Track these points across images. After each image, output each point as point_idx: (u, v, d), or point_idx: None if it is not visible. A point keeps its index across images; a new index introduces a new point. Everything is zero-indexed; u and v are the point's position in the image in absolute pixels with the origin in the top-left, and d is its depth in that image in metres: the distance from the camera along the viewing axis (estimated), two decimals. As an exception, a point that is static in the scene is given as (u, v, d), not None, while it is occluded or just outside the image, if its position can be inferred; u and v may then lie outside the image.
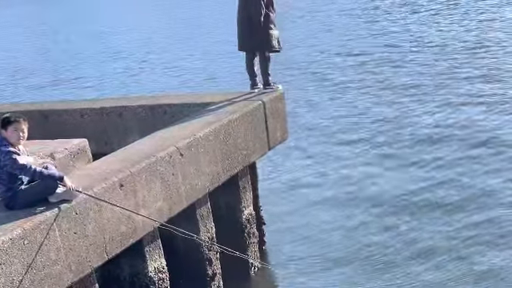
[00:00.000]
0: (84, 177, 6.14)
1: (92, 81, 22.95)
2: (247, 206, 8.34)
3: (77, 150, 7.18)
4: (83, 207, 5.66)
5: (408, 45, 21.25)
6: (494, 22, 22.91)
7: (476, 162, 11.08)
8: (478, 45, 19.73)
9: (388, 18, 27.21)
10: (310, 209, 10.13)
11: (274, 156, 11.49)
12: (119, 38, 34.06)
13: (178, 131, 7.42)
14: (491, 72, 16.43)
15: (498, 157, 11.14)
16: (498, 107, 13.70)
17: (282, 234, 9.37)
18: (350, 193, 10.51)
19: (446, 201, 9.77)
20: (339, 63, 19.91)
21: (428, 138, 12.46)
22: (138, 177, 6.30)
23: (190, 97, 9.23)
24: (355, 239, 9.00)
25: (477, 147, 11.68)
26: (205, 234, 7.51)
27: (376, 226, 9.30)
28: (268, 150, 8.61)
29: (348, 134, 13.36)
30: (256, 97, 8.51)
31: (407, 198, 10.02)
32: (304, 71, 19.26)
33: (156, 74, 22.51)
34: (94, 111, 9.02)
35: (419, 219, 9.31)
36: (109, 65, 26.03)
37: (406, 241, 8.76)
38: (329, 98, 16.23)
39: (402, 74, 17.49)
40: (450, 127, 12.89)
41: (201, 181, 7.20)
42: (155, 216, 6.46)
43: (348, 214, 9.78)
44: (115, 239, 6.00)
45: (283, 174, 11.66)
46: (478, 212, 9.33)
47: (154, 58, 26.09)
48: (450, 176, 10.61)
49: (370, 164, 11.60)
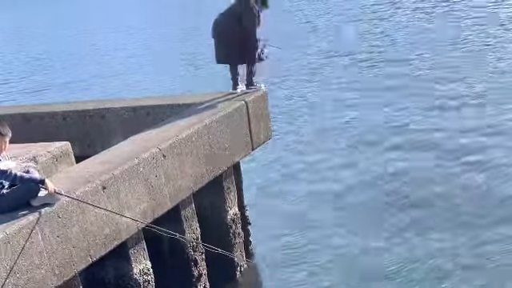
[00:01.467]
0: (66, 179, 6.12)
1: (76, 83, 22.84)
2: (232, 206, 8.35)
3: (59, 153, 7.16)
4: (66, 210, 5.64)
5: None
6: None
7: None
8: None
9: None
10: (296, 208, 10.16)
11: (259, 156, 11.50)
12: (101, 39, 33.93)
13: (161, 132, 7.41)
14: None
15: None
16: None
17: (267, 234, 9.38)
18: (338, 191, 10.53)
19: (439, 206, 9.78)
20: (327, 63, 19.93)
21: (422, 143, 12.29)
22: (121, 179, 6.28)
23: (172, 98, 9.21)
24: (343, 239, 9.02)
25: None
26: (190, 234, 7.51)
27: (364, 226, 9.32)
28: (252, 150, 8.61)
29: (335, 133, 13.38)
30: (239, 97, 8.51)
31: (395, 195, 10.08)
32: (290, 70, 19.28)
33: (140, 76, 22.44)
34: (77, 114, 8.98)
35: (408, 223, 9.27)
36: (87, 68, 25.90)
37: (396, 242, 8.76)
38: (315, 97, 16.25)
39: (395, 75, 17.47)
40: (445, 131, 12.82)
41: (185, 182, 7.19)
42: (139, 218, 6.44)
43: (336, 214, 9.81)
44: (99, 242, 5.98)
45: (268, 173, 11.68)
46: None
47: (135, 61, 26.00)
48: (449, 183, 10.47)
49: (358, 163, 11.62)
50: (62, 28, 40.93)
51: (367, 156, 11.87)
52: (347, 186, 10.67)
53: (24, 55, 32.54)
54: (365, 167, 11.37)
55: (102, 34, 36.14)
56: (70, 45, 33.44)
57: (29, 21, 50.25)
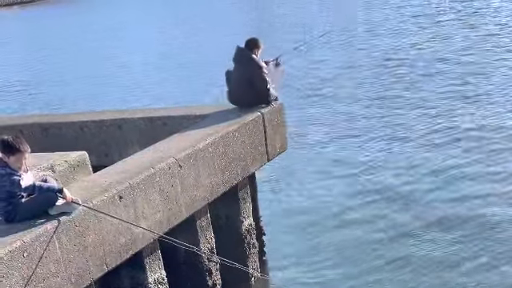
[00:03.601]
0: (84, 189, 6.19)
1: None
2: (247, 217, 8.38)
3: (77, 163, 7.22)
4: (83, 219, 5.70)
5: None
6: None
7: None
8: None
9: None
10: (311, 219, 10.15)
11: (274, 167, 11.52)
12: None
13: (178, 143, 7.46)
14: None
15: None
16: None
17: (281, 245, 9.38)
18: (352, 203, 10.52)
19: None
20: (338, 77, 19.94)
21: (435, 154, 12.32)
22: (138, 188, 6.34)
23: (188, 109, 9.27)
24: (358, 250, 9.01)
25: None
26: (205, 244, 7.55)
27: (378, 237, 9.30)
28: (267, 161, 8.63)
29: (348, 145, 13.37)
30: (255, 108, 8.54)
31: (410, 205, 10.06)
32: (303, 84, 19.31)
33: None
34: (94, 124, 9.07)
35: (425, 238, 9.25)
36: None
37: (411, 255, 8.75)
38: (328, 109, 16.25)
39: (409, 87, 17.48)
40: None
41: (200, 192, 7.24)
42: (155, 227, 6.49)
43: (350, 226, 9.79)
44: (115, 251, 6.04)
45: (283, 184, 11.69)
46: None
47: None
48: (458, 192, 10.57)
49: (373, 175, 11.61)
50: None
51: (385, 168, 11.85)
52: (362, 198, 10.65)
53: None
54: (383, 179, 11.35)
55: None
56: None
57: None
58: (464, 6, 29.30)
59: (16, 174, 5.52)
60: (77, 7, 64.51)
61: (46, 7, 72.28)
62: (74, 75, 26.50)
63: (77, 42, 37.38)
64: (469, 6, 29.07)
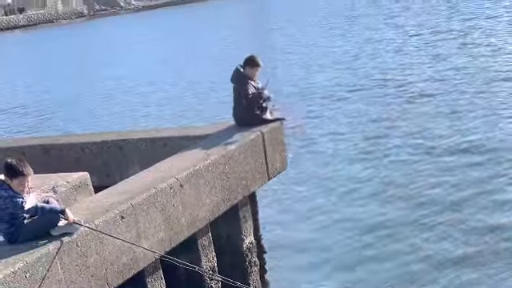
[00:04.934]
0: (85, 210, 6.24)
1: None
2: (248, 235, 8.41)
3: (78, 184, 7.29)
4: (85, 239, 5.75)
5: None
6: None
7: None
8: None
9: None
10: (311, 236, 10.18)
11: (274, 185, 11.57)
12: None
13: (178, 163, 7.52)
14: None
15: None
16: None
17: (283, 262, 9.41)
18: (351, 219, 10.55)
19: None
20: (335, 93, 20.07)
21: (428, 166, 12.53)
22: (139, 209, 6.39)
23: (188, 129, 9.36)
24: (358, 267, 9.02)
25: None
26: (206, 263, 7.58)
27: (379, 253, 9.31)
28: (268, 180, 8.69)
29: (347, 162, 13.43)
30: (256, 128, 8.61)
31: (410, 227, 10.08)
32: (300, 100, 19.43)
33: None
34: (95, 145, 9.15)
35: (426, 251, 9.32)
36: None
37: (412, 269, 8.78)
38: (325, 127, 16.32)
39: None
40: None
41: (201, 211, 7.29)
42: (156, 247, 6.54)
43: (350, 241, 9.81)
44: (117, 270, 6.07)
45: (283, 202, 11.73)
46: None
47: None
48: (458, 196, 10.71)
49: (372, 192, 11.64)
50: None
51: (384, 182, 11.90)
52: (362, 214, 10.68)
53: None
54: (383, 193, 11.39)
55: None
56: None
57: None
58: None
59: (19, 197, 5.58)
60: (81, 28, 65.17)
61: (49, 30, 72.99)
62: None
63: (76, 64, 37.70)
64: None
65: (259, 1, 78.29)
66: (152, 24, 69.96)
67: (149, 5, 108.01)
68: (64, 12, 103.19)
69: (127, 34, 60.92)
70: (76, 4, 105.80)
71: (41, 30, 78.63)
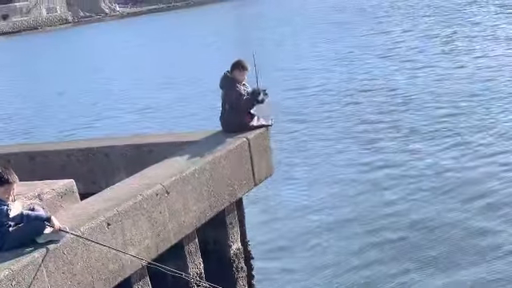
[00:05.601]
0: (71, 217, 6.20)
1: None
2: (235, 241, 8.40)
3: (64, 191, 7.24)
4: (71, 247, 5.71)
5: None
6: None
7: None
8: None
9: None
10: (298, 241, 10.19)
11: (261, 191, 11.57)
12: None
13: (165, 169, 7.50)
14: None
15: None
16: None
17: (270, 268, 9.41)
18: (338, 225, 10.58)
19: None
20: (319, 98, 20.14)
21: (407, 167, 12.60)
22: (126, 215, 6.37)
23: (174, 135, 9.34)
24: (345, 272, 9.04)
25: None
26: (193, 270, 7.56)
27: (365, 259, 9.34)
28: (254, 186, 8.69)
29: (335, 167, 13.47)
30: (241, 134, 8.61)
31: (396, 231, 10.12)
32: (284, 107, 19.48)
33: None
34: (81, 151, 9.10)
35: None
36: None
37: (399, 269, 8.81)
38: (311, 133, 16.37)
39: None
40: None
41: (188, 218, 7.27)
42: (143, 254, 6.51)
43: (337, 247, 9.84)
44: (103, 278, 6.04)
45: (270, 208, 11.74)
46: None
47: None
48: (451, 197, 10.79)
49: (358, 196, 11.69)
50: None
51: (368, 189, 11.93)
52: (349, 220, 10.71)
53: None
54: (366, 201, 11.43)
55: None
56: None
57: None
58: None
59: (4, 204, 5.54)
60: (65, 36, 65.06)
61: (33, 37, 72.81)
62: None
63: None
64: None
65: (245, 7, 78.43)
66: (137, 30, 69.94)
67: (134, 11, 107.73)
68: (48, 19, 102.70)
69: (111, 41, 60.84)
70: (61, 11, 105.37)
71: (25, 36, 78.34)
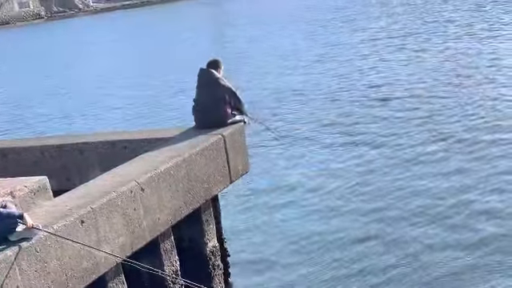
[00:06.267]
0: (44, 214, 6.12)
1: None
2: (211, 239, 8.37)
3: (37, 188, 7.12)
4: (44, 245, 5.63)
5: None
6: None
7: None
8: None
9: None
10: (275, 239, 10.19)
11: (237, 188, 11.55)
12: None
13: (139, 166, 7.43)
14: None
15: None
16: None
17: (246, 266, 9.39)
18: (316, 222, 10.60)
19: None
20: (296, 95, 20.17)
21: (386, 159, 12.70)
22: (99, 213, 6.29)
23: (150, 132, 9.27)
24: (322, 269, 9.06)
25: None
26: (169, 267, 7.51)
27: (342, 257, 9.35)
28: (230, 183, 8.65)
29: (311, 164, 13.49)
30: (216, 131, 8.58)
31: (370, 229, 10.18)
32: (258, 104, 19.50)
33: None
34: (54, 148, 8.99)
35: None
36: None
37: (379, 270, 8.85)
38: (287, 129, 16.39)
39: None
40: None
41: (163, 215, 7.21)
42: (118, 251, 6.44)
43: (314, 243, 9.85)
44: (77, 276, 5.97)
45: (246, 205, 11.71)
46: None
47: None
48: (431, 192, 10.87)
49: (336, 193, 11.72)
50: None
51: (347, 185, 11.98)
52: (327, 216, 10.74)
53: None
54: (344, 195, 11.47)
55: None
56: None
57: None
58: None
59: None
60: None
61: (5, 32, 71.98)
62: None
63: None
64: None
65: (220, 3, 78.27)
66: (110, 26, 69.49)
67: (107, 7, 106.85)
68: (21, 14, 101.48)
69: (84, 37, 60.32)
70: (33, 6, 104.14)
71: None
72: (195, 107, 8.79)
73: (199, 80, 8.69)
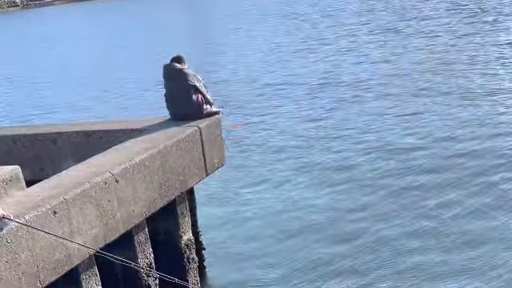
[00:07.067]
0: (16, 204, 6.01)
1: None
2: (186, 232, 8.31)
3: (9, 177, 6.99)
4: (15, 235, 5.53)
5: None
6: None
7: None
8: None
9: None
10: (251, 233, 10.16)
11: (212, 181, 11.49)
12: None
13: (114, 157, 7.34)
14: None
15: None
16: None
17: (222, 259, 9.35)
18: (290, 214, 10.59)
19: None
20: (273, 90, 20.15)
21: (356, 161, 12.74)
22: (73, 203, 6.20)
23: (125, 123, 9.17)
24: (297, 262, 9.05)
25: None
26: (143, 259, 7.43)
27: (319, 251, 9.36)
28: (206, 176, 8.60)
29: (286, 158, 13.48)
30: (192, 123, 8.51)
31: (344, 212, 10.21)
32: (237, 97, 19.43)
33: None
34: (27, 137, 8.85)
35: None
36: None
37: (349, 262, 8.88)
38: (266, 122, 16.36)
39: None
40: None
41: (138, 207, 7.14)
42: (91, 243, 6.36)
43: (289, 238, 9.84)
44: (49, 267, 5.88)
45: (222, 198, 11.67)
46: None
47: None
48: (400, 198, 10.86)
49: (311, 187, 11.72)
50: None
51: (322, 178, 11.99)
52: (303, 209, 10.74)
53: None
54: (319, 189, 11.48)
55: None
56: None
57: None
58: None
59: None
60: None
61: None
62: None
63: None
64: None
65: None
66: (85, 16, 68.95)
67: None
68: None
69: (58, 26, 59.78)
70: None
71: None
72: (167, 101, 8.75)
73: (165, 75, 8.73)
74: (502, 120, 14.04)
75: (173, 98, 8.62)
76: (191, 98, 8.51)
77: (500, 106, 15.12)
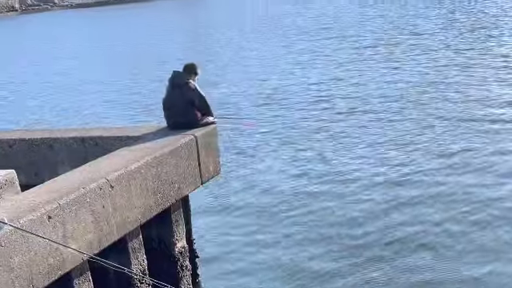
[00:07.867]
0: (11, 208, 6.01)
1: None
2: (180, 239, 8.31)
3: (4, 182, 7.01)
4: (9, 239, 5.53)
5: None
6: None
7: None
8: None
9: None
10: (244, 241, 10.16)
11: (207, 189, 11.50)
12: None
13: (110, 163, 7.35)
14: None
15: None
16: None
17: (215, 267, 9.35)
18: (286, 224, 10.61)
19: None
20: (270, 100, 20.20)
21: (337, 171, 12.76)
22: (67, 209, 6.21)
23: (122, 129, 9.18)
24: (291, 270, 9.07)
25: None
26: (136, 266, 7.43)
27: (312, 258, 9.38)
28: (201, 184, 8.61)
29: (281, 168, 13.50)
30: (189, 131, 8.53)
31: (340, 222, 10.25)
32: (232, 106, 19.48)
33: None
34: (24, 142, 8.85)
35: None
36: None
37: (345, 270, 8.90)
38: (259, 134, 16.39)
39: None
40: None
41: (132, 213, 7.14)
42: (85, 248, 6.36)
43: (282, 247, 9.85)
44: (43, 272, 5.87)
45: (216, 207, 11.67)
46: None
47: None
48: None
49: (307, 195, 11.75)
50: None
51: (317, 187, 12.01)
52: (293, 218, 10.76)
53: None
54: (314, 199, 11.50)
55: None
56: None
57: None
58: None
59: None
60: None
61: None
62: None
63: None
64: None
65: (197, 3, 78.18)
66: (83, 22, 69.05)
67: (83, 2, 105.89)
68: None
69: (54, 32, 59.90)
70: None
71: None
72: (164, 107, 8.75)
73: (171, 81, 8.68)
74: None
75: (171, 106, 8.62)
76: (189, 111, 8.50)
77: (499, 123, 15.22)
